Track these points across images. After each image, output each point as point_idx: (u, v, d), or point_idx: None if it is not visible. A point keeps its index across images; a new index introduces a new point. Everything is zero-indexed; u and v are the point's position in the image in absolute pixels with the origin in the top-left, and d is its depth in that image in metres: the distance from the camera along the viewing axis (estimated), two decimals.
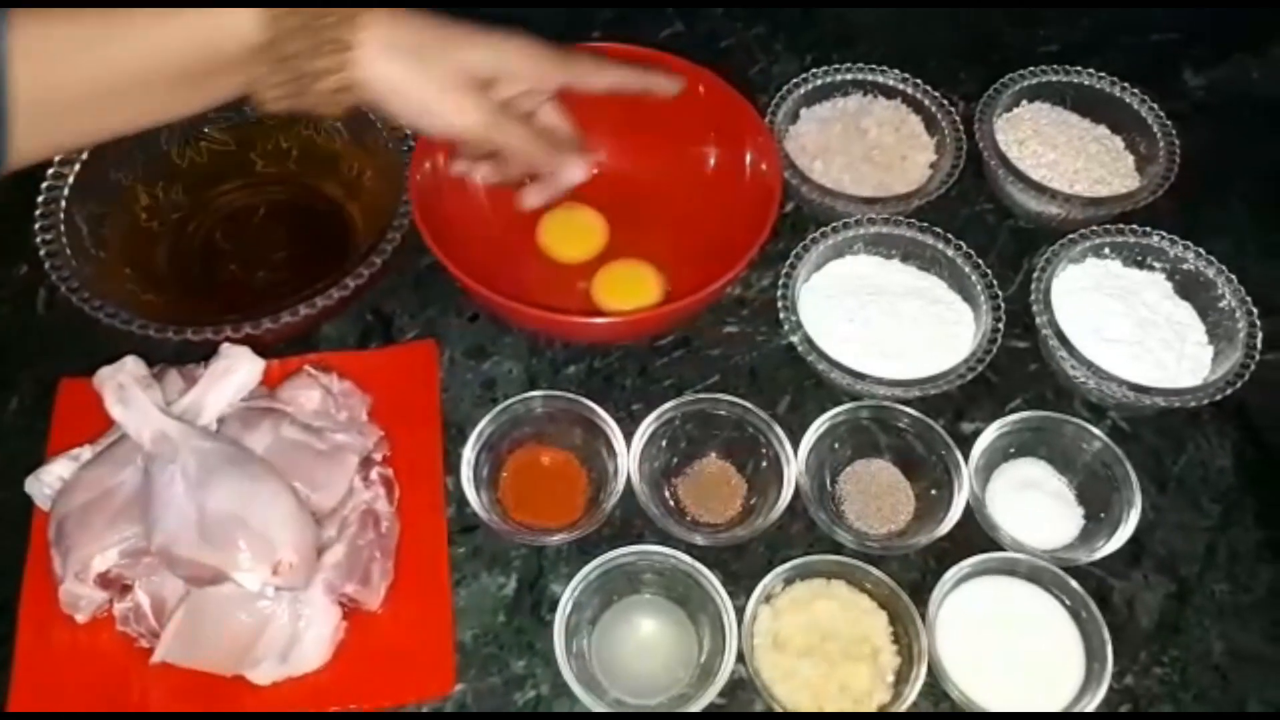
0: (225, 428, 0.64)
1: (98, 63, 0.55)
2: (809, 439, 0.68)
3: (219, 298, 0.76)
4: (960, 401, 0.73)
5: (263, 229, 0.80)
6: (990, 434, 0.69)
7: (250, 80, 0.59)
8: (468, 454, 0.67)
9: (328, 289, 0.69)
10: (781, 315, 0.73)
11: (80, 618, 0.62)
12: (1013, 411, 0.72)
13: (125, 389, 0.62)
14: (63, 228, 0.72)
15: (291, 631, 0.61)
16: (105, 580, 0.60)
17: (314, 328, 0.75)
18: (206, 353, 0.67)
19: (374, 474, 0.66)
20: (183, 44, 0.56)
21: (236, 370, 0.65)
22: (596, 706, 0.59)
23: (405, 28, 0.61)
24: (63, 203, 0.73)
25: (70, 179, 0.73)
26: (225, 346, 0.66)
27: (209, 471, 0.60)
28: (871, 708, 0.61)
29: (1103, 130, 0.85)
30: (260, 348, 0.67)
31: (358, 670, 0.62)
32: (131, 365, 0.63)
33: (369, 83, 0.61)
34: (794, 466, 0.67)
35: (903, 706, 0.60)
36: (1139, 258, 0.77)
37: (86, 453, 0.65)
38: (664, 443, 0.69)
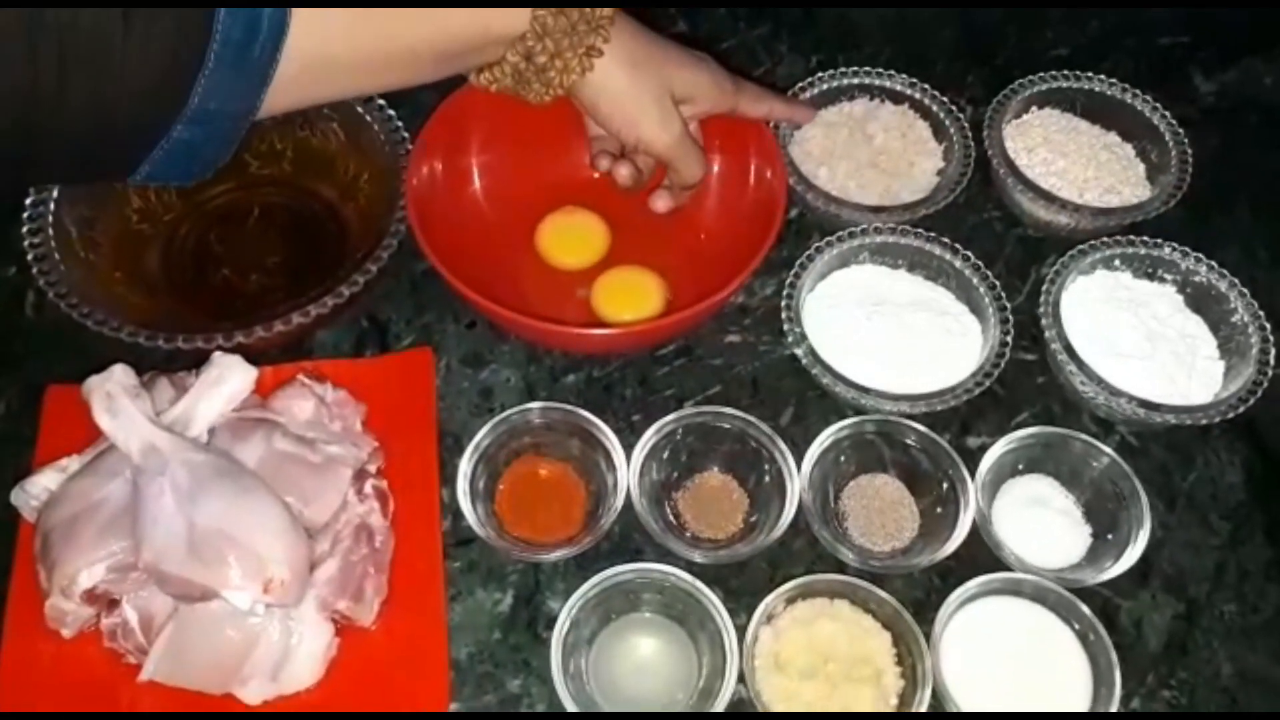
0: (216, 439, 0.63)
1: (374, 37, 0.58)
2: (813, 453, 0.67)
3: (211, 302, 0.75)
4: (966, 415, 0.72)
5: (257, 232, 0.78)
6: (997, 450, 0.68)
7: (498, 62, 0.64)
8: (464, 466, 0.66)
9: (322, 297, 0.68)
10: (785, 326, 0.71)
11: (67, 633, 0.60)
12: (1020, 426, 0.71)
13: (114, 399, 0.61)
14: (51, 230, 0.70)
15: (282, 649, 0.60)
16: (92, 596, 0.59)
17: (308, 334, 0.74)
18: (198, 359, 0.66)
19: (368, 486, 0.65)
20: (459, 28, 0.61)
21: (228, 380, 0.63)
22: None
23: (636, 40, 0.66)
24: (51, 205, 0.71)
25: None
26: (217, 355, 0.64)
27: (199, 484, 0.58)
28: None
29: (1113, 138, 0.83)
30: (253, 354, 0.65)
31: (350, 688, 0.61)
32: (120, 374, 0.62)
33: (592, 86, 0.65)
34: (797, 481, 0.66)
35: None
36: (1150, 269, 0.76)
37: (74, 463, 0.63)
38: (664, 455, 0.68)
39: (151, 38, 0.48)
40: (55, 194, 0.71)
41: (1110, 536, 0.67)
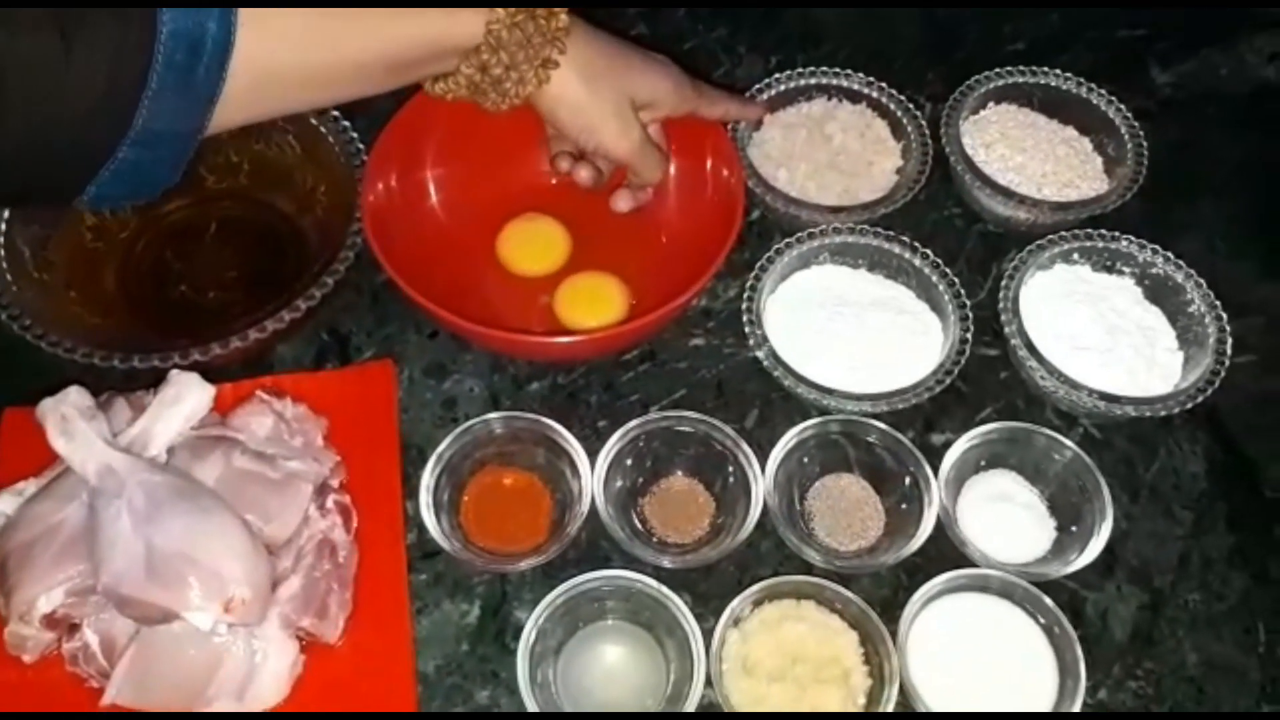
0: (175, 458, 0.62)
1: (325, 51, 0.57)
2: (777, 454, 0.67)
3: (170, 318, 0.74)
4: (930, 412, 0.72)
5: (214, 246, 0.78)
6: (961, 446, 0.68)
7: (452, 73, 0.63)
8: (427, 478, 0.65)
9: (278, 311, 0.67)
10: (747, 329, 0.71)
11: (28, 659, 0.60)
12: (983, 421, 0.71)
13: (68, 421, 0.60)
14: (3, 250, 0.70)
15: (247, 668, 0.59)
16: (52, 620, 0.58)
17: (268, 348, 0.73)
18: (155, 378, 0.65)
19: (330, 501, 0.64)
20: (409, 41, 0.60)
21: (185, 398, 0.63)
22: None
23: (594, 49, 0.66)
24: (3, 224, 0.70)
25: None
26: (174, 373, 0.64)
27: (157, 506, 0.58)
28: None
29: (1071, 132, 0.83)
30: (212, 370, 0.65)
31: (317, 705, 0.60)
32: (75, 396, 0.61)
33: (549, 97, 0.65)
34: (762, 484, 0.66)
35: None
36: (1108, 263, 0.76)
37: (31, 487, 0.62)
38: (629, 462, 0.68)
39: (92, 60, 0.48)
40: (7, 213, 0.71)
41: (1075, 529, 0.67)
